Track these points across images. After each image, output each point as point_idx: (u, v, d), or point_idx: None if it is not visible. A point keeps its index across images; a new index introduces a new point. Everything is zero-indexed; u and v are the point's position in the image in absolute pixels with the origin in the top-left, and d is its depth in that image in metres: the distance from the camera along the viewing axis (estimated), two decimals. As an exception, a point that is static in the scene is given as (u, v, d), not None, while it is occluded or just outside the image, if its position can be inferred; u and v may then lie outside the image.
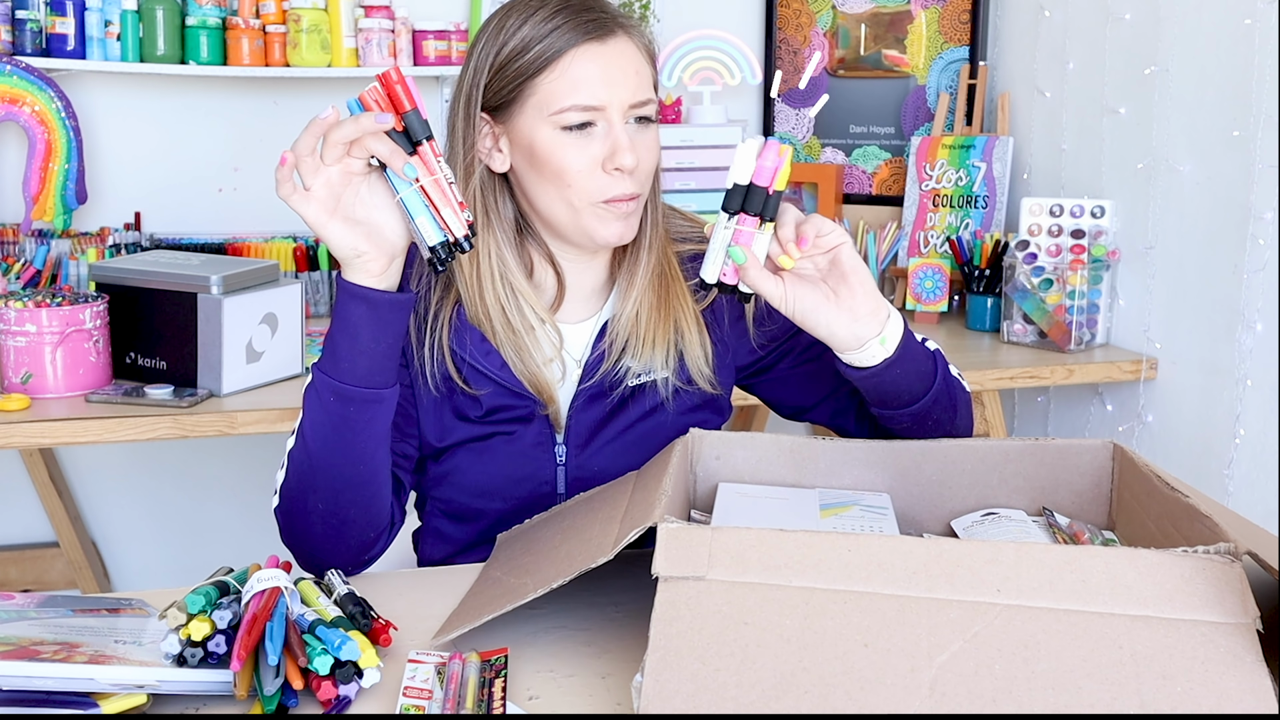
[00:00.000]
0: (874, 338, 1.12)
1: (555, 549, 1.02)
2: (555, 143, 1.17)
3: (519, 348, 1.23)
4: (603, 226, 1.20)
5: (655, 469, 1.07)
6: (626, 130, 1.18)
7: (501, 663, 0.93)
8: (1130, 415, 2.24)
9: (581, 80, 1.16)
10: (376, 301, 1.08)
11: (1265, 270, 1.93)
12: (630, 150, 1.17)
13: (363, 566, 1.19)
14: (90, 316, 1.88)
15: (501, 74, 1.18)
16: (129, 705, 0.85)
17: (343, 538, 1.15)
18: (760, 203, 1.09)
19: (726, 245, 1.09)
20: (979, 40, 2.65)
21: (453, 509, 1.30)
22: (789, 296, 1.11)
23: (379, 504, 1.17)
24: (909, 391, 1.18)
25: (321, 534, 1.15)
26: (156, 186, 2.65)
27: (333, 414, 1.10)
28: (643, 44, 1.22)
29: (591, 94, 1.16)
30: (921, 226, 2.62)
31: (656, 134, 1.23)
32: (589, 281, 1.29)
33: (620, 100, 1.17)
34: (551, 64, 1.16)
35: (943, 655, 0.80)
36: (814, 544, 0.86)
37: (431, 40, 2.59)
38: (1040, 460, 1.16)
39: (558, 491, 1.27)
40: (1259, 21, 1.91)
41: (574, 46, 1.16)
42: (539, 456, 1.26)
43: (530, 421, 1.26)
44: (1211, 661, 0.78)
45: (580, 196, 1.19)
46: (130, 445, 2.57)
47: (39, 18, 2.41)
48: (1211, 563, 0.83)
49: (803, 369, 1.32)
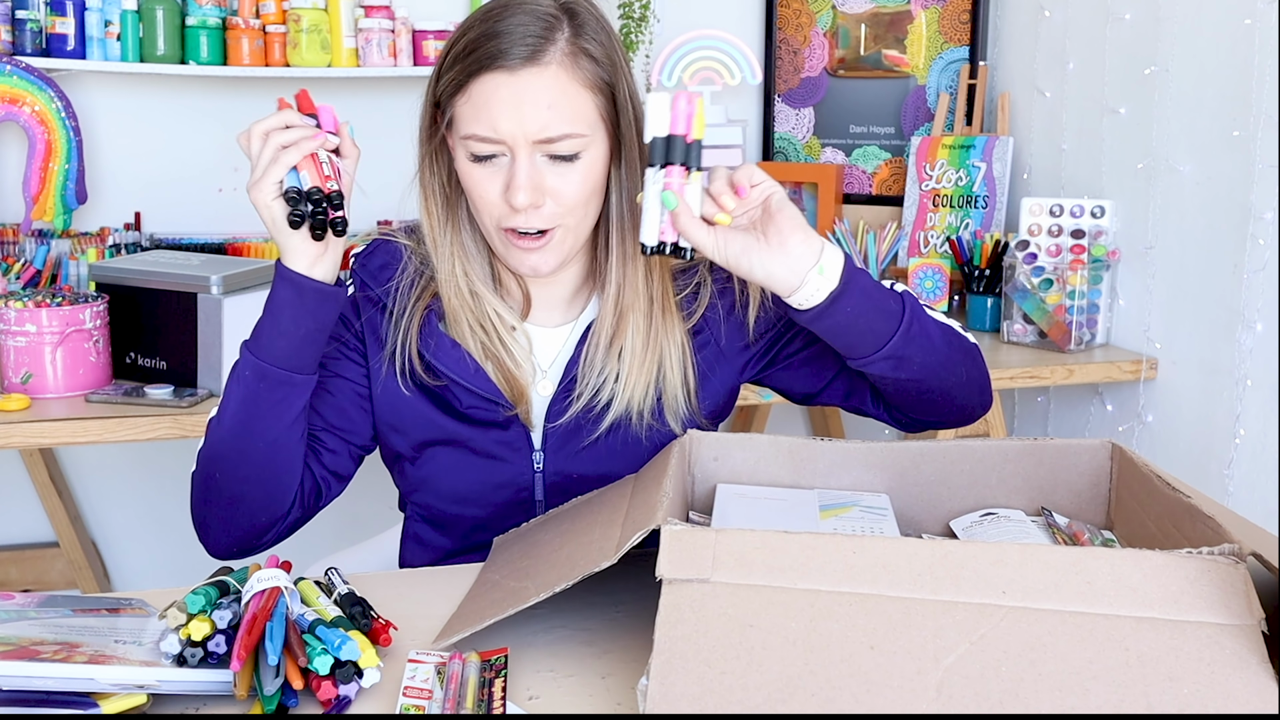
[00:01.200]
0: (811, 268, 1.10)
1: (556, 552, 1.02)
2: (465, 168, 1.17)
3: (490, 351, 1.23)
4: (514, 257, 1.19)
5: (654, 471, 1.07)
6: (535, 165, 1.14)
7: (501, 663, 0.93)
8: (1130, 415, 2.24)
9: (483, 109, 1.13)
10: (303, 287, 1.13)
11: (1265, 270, 1.93)
12: (525, 189, 1.13)
13: (251, 552, 1.22)
14: (90, 316, 1.88)
15: (440, 84, 1.18)
16: (129, 705, 0.85)
17: (236, 516, 1.19)
18: (683, 152, 1.09)
19: (660, 198, 1.09)
20: (979, 40, 2.65)
21: (431, 514, 1.30)
22: (721, 243, 1.10)
23: (279, 490, 1.19)
24: (872, 330, 1.14)
25: (218, 507, 1.19)
26: (156, 187, 2.64)
27: (247, 389, 1.15)
28: (573, 73, 1.14)
29: (490, 125, 1.12)
30: (921, 226, 2.62)
31: (586, 170, 1.16)
32: (558, 291, 1.28)
33: (522, 135, 1.12)
34: (464, 88, 1.14)
35: (949, 657, 0.80)
36: (818, 546, 0.86)
37: (431, 40, 2.59)
38: (1039, 460, 1.16)
39: (536, 498, 1.27)
40: (1259, 21, 1.91)
41: (482, 73, 1.13)
42: (516, 462, 1.25)
43: (506, 427, 1.25)
44: (1217, 663, 0.78)
45: (490, 222, 1.18)
46: (130, 445, 2.56)
47: (39, 18, 2.41)
48: (1216, 564, 0.83)
49: (806, 352, 1.29)
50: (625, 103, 1.19)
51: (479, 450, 1.25)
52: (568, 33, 1.14)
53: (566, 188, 1.16)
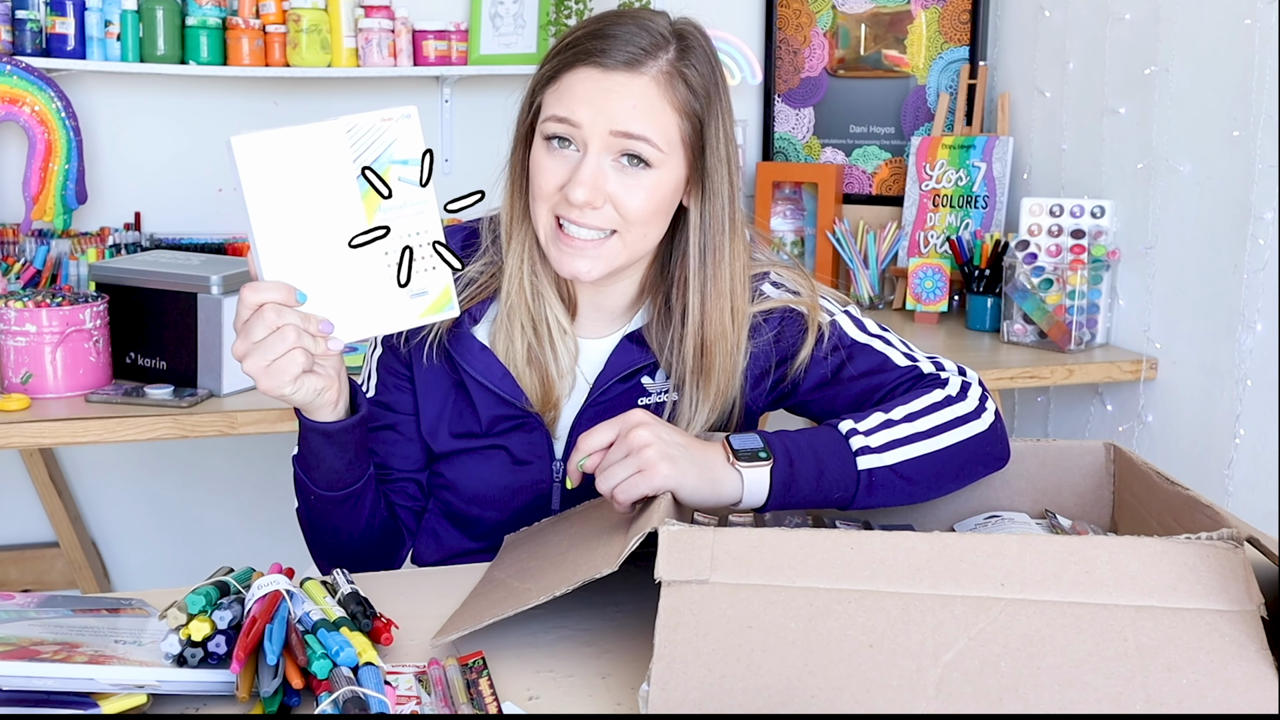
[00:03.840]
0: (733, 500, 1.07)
1: (562, 555, 1.02)
2: (537, 151, 1.17)
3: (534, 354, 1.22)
4: (560, 257, 1.18)
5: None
6: (602, 166, 1.14)
7: (480, 664, 0.93)
8: (1130, 415, 2.24)
9: (566, 94, 1.14)
10: (333, 433, 1.14)
11: (1265, 270, 1.93)
12: (586, 184, 1.12)
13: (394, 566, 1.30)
14: (90, 316, 1.88)
15: (538, 78, 1.19)
16: (129, 705, 0.85)
17: (360, 564, 1.25)
18: None
19: None
20: (979, 40, 2.65)
21: (451, 511, 1.31)
22: None
23: (385, 548, 1.26)
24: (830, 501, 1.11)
25: (337, 560, 1.24)
26: (156, 186, 2.64)
27: (316, 504, 1.21)
28: (665, 91, 1.14)
29: (571, 109, 1.13)
30: (921, 226, 2.62)
31: (654, 182, 1.15)
32: (607, 302, 1.26)
33: (600, 124, 1.12)
34: (556, 79, 1.16)
35: (948, 654, 0.80)
36: (816, 543, 0.86)
37: (431, 40, 2.59)
38: (1042, 461, 1.16)
39: (553, 506, 1.27)
40: (1259, 21, 1.91)
41: (577, 66, 1.14)
42: (538, 469, 1.26)
43: (531, 432, 1.25)
44: (1216, 651, 0.78)
45: (544, 212, 1.17)
46: (130, 445, 2.56)
47: (39, 18, 2.41)
48: (1215, 549, 0.83)
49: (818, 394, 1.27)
50: (715, 139, 1.17)
51: (503, 455, 1.26)
52: (672, 54, 1.15)
53: (630, 198, 1.15)
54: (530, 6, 2.63)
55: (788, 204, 2.82)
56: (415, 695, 0.89)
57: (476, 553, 1.29)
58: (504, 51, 2.64)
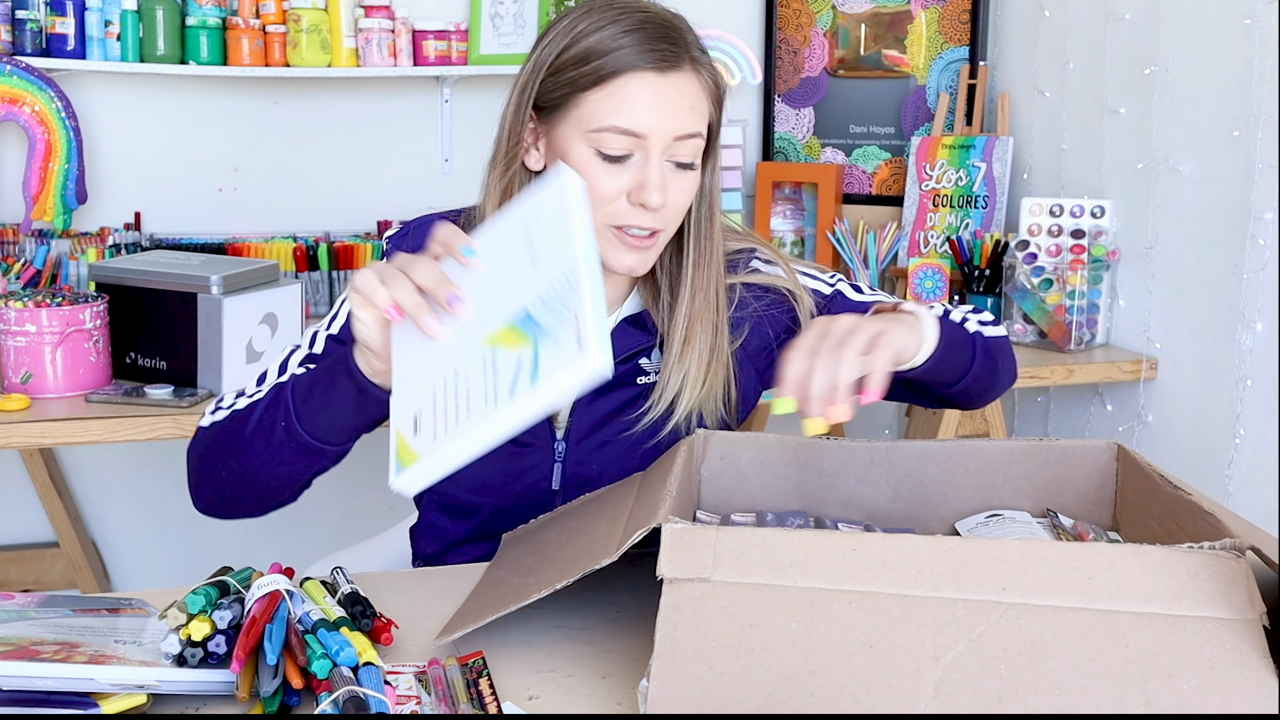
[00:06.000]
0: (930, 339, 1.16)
1: (560, 549, 1.02)
2: (586, 163, 1.15)
3: None
4: (615, 254, 1.18)
5: (660, 470, 1.07)
6: (662, 168, 1.15)
7: (480, 664, 0.93)
8: (1130, 415, 2.24)
9: (628, 103, 1.13)
10: (366, 390, 1.08)
11: (1265, 270, 1.93)
12: (659, 189, 1.14)
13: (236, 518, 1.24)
14: (90, 316, 1.88)
15: (556, 77, 1.16)
16: (129, 705, 0.85)
17: (230, 496, 1.20)
18: None
19: None
20: (979, 40, 2.65)
21: (449, 502, 1.30)
22: None
23: (275, 501, 1.20)
24: (950, 372, 1.23)
25: (212, 484, 1.19)
26: (156, 186, 2.64)
27: (277, 432, 1.12)
28: (708, 81, 1.18)
29: (634, 119, 1.13)
30: (921, 226, 2.62)
31: (695, 179, 1.19)
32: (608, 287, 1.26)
33: (664, 131, 1.14)
34: (605, 82, 1.14)
35: (948, 656, 0.80)
36: (818, 543, 0.86)
37: (431, 40, 2.59)
38: (1044, 461, 1.16)
39: (553, 489, 1.27)
40: (1259, 21, 1.91)
41: (632, 70, 1.13)
42: (538, 452, 1.26)
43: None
44: (1218, 659, 0.78)
45: (602, 218, 1.16)
46: (130, 445, 2.56)
47: (39, 18, 2.41)
48: (1217, 558, 0.83)
49: None
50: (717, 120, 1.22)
51: None
52: (689, 39, 1.19)
53: (679, 195, 1.18)
54: (530, 6, 2.63)
55: (788, 204, 2.82)
56: (415, 695, 0.89)
57: (475, 541, 1.29)
58: (504, 51, 2.64)
